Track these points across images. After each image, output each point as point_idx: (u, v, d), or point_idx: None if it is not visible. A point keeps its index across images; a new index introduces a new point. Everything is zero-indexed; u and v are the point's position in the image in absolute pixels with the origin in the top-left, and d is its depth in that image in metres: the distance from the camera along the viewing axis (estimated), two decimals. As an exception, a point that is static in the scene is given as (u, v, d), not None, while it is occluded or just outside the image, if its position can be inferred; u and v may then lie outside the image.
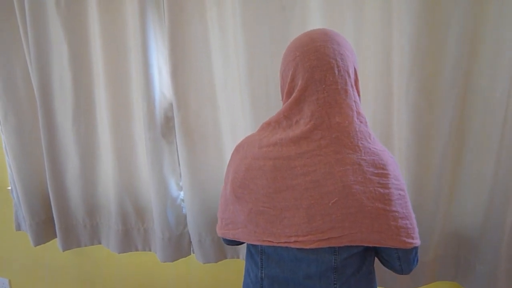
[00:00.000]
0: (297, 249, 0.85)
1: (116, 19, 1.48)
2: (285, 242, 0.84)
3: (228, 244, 1.04)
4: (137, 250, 1.70)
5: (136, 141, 1.58)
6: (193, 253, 1.60)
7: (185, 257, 1.60)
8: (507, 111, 1.11)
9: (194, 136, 1.44)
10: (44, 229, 1.80)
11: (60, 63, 1.57)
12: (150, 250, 1.69)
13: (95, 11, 1.48)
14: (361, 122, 0.84)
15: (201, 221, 1.49)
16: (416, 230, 0.85)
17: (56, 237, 1.76)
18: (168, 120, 1.49)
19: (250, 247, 0.95)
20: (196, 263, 1.60)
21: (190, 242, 1.58)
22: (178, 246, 1.57)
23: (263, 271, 0.91)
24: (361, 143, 0.81)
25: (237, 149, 0.94)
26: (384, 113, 1.22)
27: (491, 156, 1.17)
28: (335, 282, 0.86)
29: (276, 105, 1.28)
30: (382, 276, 1.31)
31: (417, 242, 0.83)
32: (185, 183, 1.48)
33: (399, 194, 0.82)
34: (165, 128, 1.48)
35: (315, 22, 1.24)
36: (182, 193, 1.56)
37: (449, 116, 1.15)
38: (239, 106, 1.37)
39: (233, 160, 0.94)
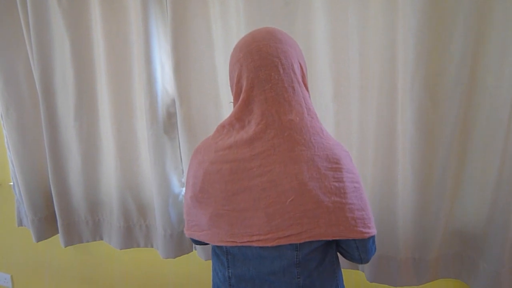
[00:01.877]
0: (260, 247, 0.87)
1: (119, 14, 1.47)
2: (248, 242, 0.85)
3: (196, 244, 1.05)
4: (138, 246, 1.70)
5: (138, 137, 1.58)
6: (195, 249, 1.60)
7: (187, 253, 1.60)
8: (513, 109, 1.11)
9: (196, 132, 1.44)
10: (46, 225, 1.81)
11: (62, 59, 1.56)
12: (152, 247, 1.69)
13: (97, 6, 1.47)
14: (312, 117, 0.85)
15: (203, 218, 1.49)
16: (372, 219, 0.87)
17: (58, 233, 1.76)
18: (170, 116, 1.49)
19: (215, 248, 0.96)
20: (198, 259, 1.60)
21: (192, 238, 1.58)
22: (180, 243, 1.57)
23: (230, 271, 0.93)
24: (314, 139, 0.83)
25: (195, 153, 0.95)
26: (389, 111, 1.21)
27: (495, 153, 1.16)
28: (298, 276, 0.88)
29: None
30: (387, 275, 1.31)
31: (373, 231, 0.86)
32: (187, 179, 1.48)
33: (354, 187, 0.84)
34: (167, 124, 1.48)
35: (319, 18, 1.23)
36: (184, 189, 1.56)
37: (454, 113, 1.14)
38: (241, 103, 1.36)
39: (191, 165, 0.95)
